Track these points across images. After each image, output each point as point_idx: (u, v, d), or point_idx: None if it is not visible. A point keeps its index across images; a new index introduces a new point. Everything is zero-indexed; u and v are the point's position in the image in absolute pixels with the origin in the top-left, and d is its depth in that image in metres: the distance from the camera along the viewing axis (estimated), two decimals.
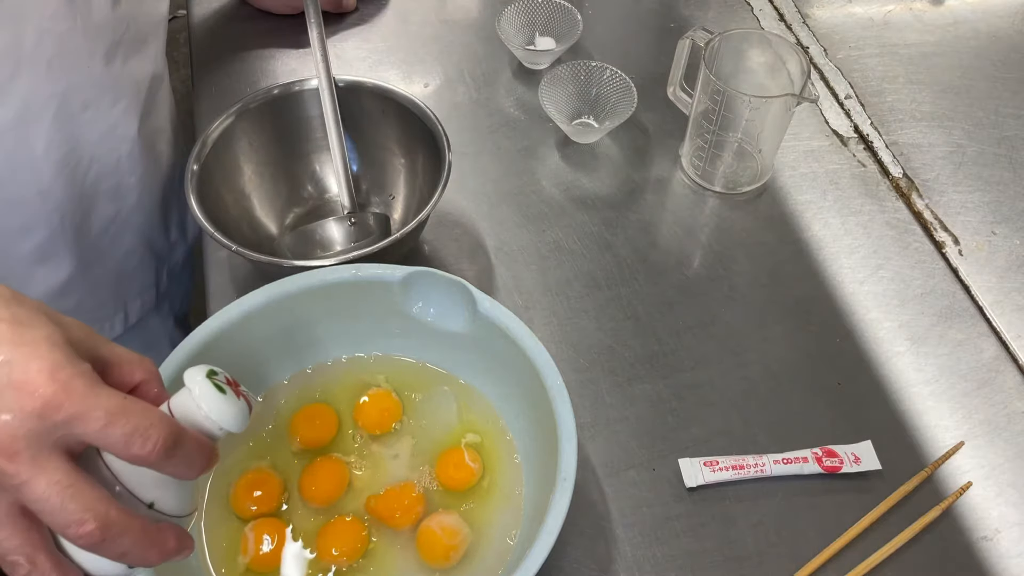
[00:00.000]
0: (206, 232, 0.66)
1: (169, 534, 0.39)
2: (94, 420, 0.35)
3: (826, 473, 0.63)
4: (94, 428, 0.36)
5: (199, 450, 0.40)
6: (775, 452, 0.64)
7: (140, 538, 0.37)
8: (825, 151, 0.85)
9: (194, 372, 0.43)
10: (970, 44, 0.95)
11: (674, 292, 0.74)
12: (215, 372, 0.43)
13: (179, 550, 0.40)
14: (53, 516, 0.35)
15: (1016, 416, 0.67)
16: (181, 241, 0.89)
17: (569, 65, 0.84)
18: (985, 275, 0.76)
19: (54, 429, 0.35)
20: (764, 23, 0.97)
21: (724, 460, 0.64)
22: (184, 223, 0.89)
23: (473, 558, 0.57)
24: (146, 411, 0.37)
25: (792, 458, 0.64)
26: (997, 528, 0.62)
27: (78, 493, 0.36)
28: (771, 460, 0.64)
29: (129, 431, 0.36)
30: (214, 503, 0.59)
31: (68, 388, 0.35)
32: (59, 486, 0.35)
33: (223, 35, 0.94)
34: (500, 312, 0.59)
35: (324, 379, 0.65)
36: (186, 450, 0.38)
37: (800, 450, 0.64)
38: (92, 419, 0.35)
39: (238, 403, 0.43)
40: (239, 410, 0.43)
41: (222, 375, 0.44)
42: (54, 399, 0.35)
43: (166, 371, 0.56)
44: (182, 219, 0.88)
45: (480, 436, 0.62)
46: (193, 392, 0.42)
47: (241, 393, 0.44)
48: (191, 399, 0.42)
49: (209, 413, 0.42)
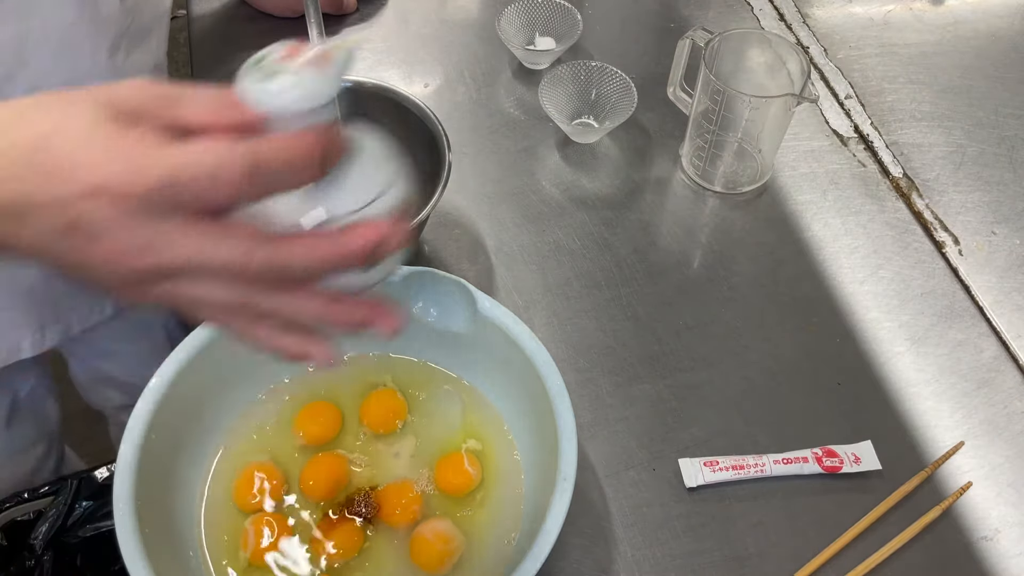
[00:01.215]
0: None
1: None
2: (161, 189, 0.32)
3: (826, 473, 0.63)
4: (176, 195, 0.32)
5: (288, 149, 0.33)
6: (775, 452, 0.64)
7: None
8: (825, 151, 0.85)
9: (241, 73, 0.35)
10: (970, 44, 0.95)
11: (674, 292, 0.74)
12: (261, 58, 0.35)
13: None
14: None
15: (1016, 416, 0.67)
16: None
17: (569, 65, 0.84)
18: (985, 275, 0.76)
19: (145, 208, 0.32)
20: (764, 23, 0.97)
21: (724, 460, 0.64)
22: None
23: (472, 560, 0.57)
24: (203, 153, 0.32)
25: (792, 458, 0.64)
26: (997, 528, 0.62)
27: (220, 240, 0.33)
28: (771, 460, 0.64)
29: (203, 183, 0.32)
30: (216, 496, 0.59)
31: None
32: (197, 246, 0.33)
33: (223, 35, 0.94)
34: (500, 312, 0.59)
35: (326, 377, 0.65)
36: (272, 160, 0.33)
37: (800, 450, 0.64)
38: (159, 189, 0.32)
39: (301, 75, 0.34)
40: (302, 81, 0.34)
41: (272, 54, 0.35)
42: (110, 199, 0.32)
43: (167, 371, 0.57)
44: None
45: (481, 442, 0.62)
46: (246, 97, 0.34)
47: (313, 61, 0.34)
48: (251, 103, 0.35)
49: (271, 106, 0.34)
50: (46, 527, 0.79)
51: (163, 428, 0.55)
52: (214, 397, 0.61)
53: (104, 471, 0.83)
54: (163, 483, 0.56)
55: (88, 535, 0.81)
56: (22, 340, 0.76)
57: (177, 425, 0.57)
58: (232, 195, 0.33)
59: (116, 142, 0.33)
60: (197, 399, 0.59)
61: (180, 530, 0.57)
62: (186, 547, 0.57)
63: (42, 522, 0.80)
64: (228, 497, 0.59)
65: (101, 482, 0.82)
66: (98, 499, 0.82)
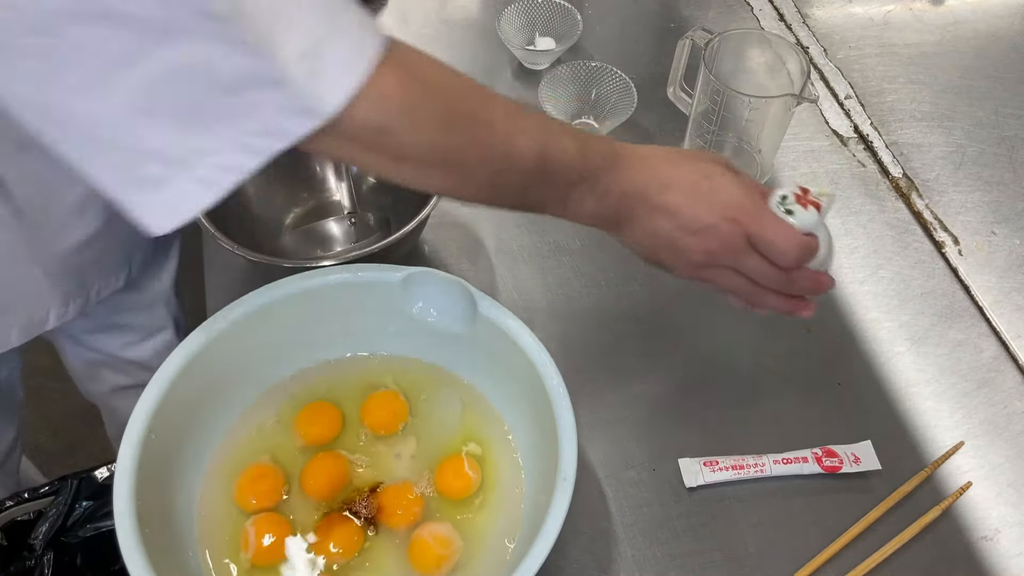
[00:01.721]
0: (206, 232, 0.66)
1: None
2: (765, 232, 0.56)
3: (826, 473, 0.63)
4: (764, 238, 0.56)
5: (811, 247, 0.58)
6: (775, 452, 0.64)
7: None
8: (825, 151, 0.85)
9: (772, 203, 0.58)
10: (970, 44, 0.95)
11: (674, 292, 0.74)
12: (784, 197, 0.58)
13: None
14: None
15: (1016, 416, 0.67)
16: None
17: (569, 65, 0.84)
18: (985, 275, 0.76)
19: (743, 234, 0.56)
20: (764, 23, 0.97)
21: (724, 460, 0.64)
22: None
23: (472, 561, 0.57)
24: (786, 230, 0.56)
25: (792, 458, 0.64)
26: (997, 528, 0.62)
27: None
28: (771, 460, 0.64)
29: (779, 245, 0.56)
30: (216, 496, 0.59)
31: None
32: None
33: None
34: (500, 312, 0.59)
35: (327, 377, 0.65)
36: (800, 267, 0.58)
37: (800, 450, 0.64)
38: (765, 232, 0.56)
39: (805, 213, 0.57)
40: (807, 219, 0.57)
41: (790, 196, 0.58)
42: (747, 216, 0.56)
43: (167, 371, 0.57)
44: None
45: (481, 442, 0.62)
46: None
47: (808, 202, 0.58)
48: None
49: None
50: (46, 527, 0.79)
51: (163, 428, 0.55)
52: (214, 397, 0.61)
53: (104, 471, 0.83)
54: (163, 483, 0.56)
55: (88, 535, 0.81)
56: (50, 311, 0.76)
57: (177, 425, 0.57)
58: (788, 258, 0.57)
59: (752, 192, 0.58)
60: (197, 399, 0.59)
61: (180, 530, 0.57)
62: (186, 547, 0.57)
63: (42, 522, 0.80)
64: (228, 497, 0.59)
65: (101, 482, 0.82)
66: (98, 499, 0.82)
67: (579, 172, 0.54)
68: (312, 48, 0.41)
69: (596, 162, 0.55)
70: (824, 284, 0.60)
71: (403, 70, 0.45)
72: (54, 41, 0.38)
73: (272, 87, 0.41)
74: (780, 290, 0.60)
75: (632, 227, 0.58)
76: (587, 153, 0.54)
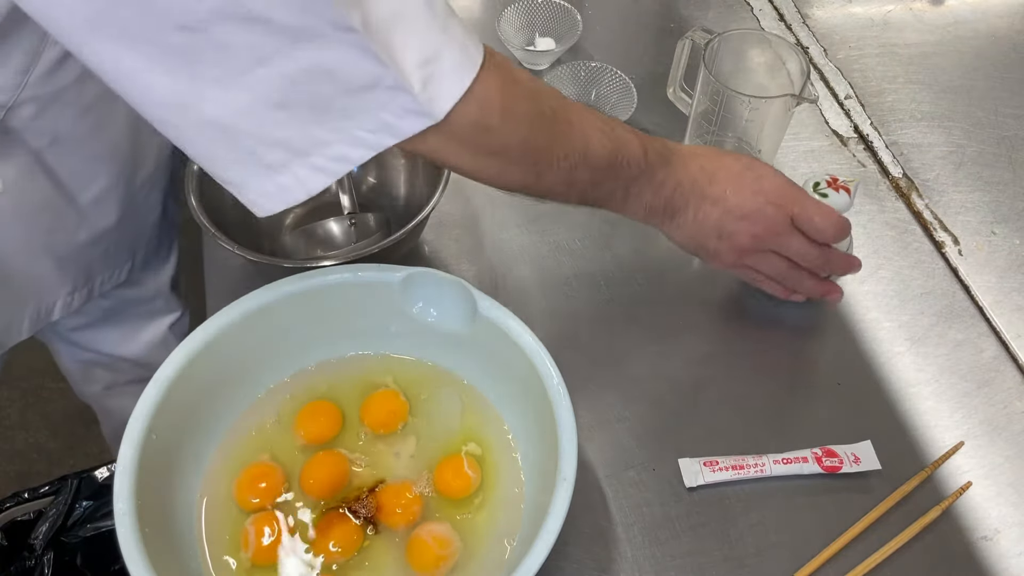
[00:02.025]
0: (206, 232, 0.66)
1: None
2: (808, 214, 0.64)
3: (826, 473, 0.63)
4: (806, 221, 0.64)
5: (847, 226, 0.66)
6: (775, 452, 0.64)
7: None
8: (825, 151, 0.85)
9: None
10: (970, 44, 0.95)
11: (674, 292, 0.74)
12: (818, 183, 0.67)
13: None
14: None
15: (1016, 416, 0.67)
16: (173, 207, 0.91)
17: (569, 65, 0.84)
18: (985, 275, 0.76)
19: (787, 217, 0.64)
20: (764, 23, 0.97)
21: (724, 460, 0.64)
22: (168, 210, 0.90)
23: (472, 562, 0.57)
24: (825, 209, 0.64)
25: (792, 458, 0.64)
26: (997, 528, 0.62)
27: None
28: (771, 460, 0.64)
29: (818, 221, 0.63)
30: (216, 495, 0.59)
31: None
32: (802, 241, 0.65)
33: None
34: (500, 312, 0.59)
35: (327, 376, 0.65)
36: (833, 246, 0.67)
37: (800, 450, 0.64)
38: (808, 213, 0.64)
39: (838, 196, 0.66)
40: (840, 201, 0.66)
41: (822, 183, 0.67)
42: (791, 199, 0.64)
43: (167, 371, 0.57)
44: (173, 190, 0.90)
45: (481, 442, 0.62)
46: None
47: (840, 187, 0.66)
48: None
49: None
50: (46, 527, 0.79)
51: (163, 428, 0.55)
52: (214, 397, 0.61)
53: (104, 471, 0.83)
54: (163, 483, 0.56)
55: (88, 535, 0.81)
56: (57, 301, 0.78)
57: (177, 425, 0.57)
58: (828, 234, 0.64)
59: (790, 180, 0.65)
60: (197, 399, 0.59)
61: (180, 530, 0.57)
62: (186, 547, 0.57)
63: (42, 522, 0.80)
64: (228, 496, 0.59)
65: (101, 482, 0.83)
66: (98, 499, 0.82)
67: (640, 167, 0.60)
68: (428, 57, 0.47)
69: (653, 158, 0.60)
70: (855, 264, 0.69)
71: (501, 74, 0.51)
72: (203, 37, 0.42)
73: (393, 91, 0.46)
74: (817, 271, 0.67)
75: (683, 217, 0.63)
76: (647, 149, 0.60)
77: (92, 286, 0.80)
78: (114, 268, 0.82)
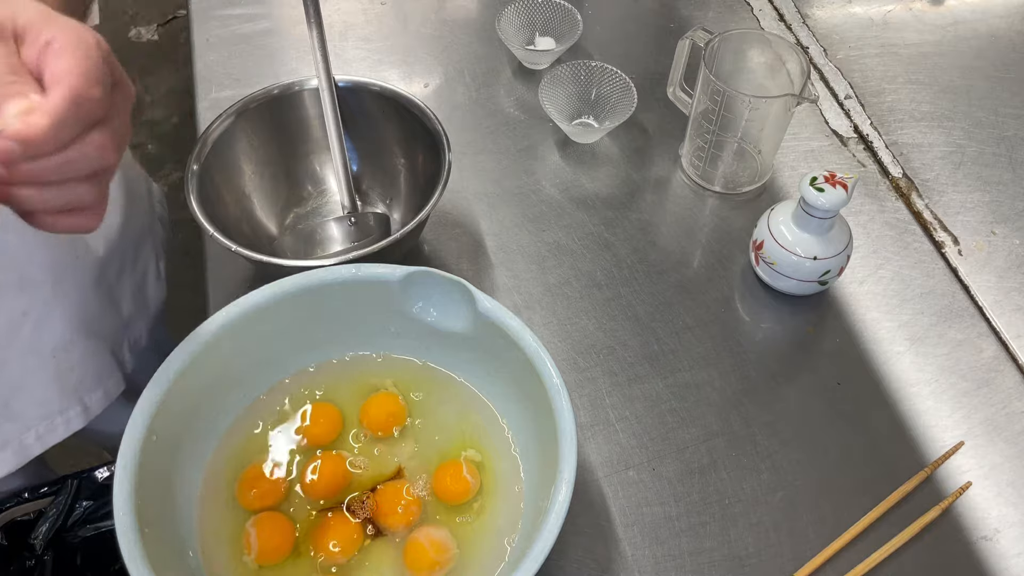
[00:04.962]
0: (206, 232, 0.66)
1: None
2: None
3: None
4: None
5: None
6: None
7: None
8: (825, 151, 0.85)
9: (802, 184, 0.65)
10: (970, 44, 0.95)
11: (674, 292, 0.74)
12: (815, 178, 0.65)
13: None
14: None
15: (1016, 416, 0.67)
16: (140, 314, 0.84)
17: (569, 65, 0.84)
18: (985, 275, 0.76)
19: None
20: (764, 23, 0.97)
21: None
22: (144, 293, 0.84)
23: (471, 562, 0.57)
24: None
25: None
26: (997, 528, 0.62)
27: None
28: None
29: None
30: (216, 496, 0.59)
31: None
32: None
33: (223, 35, 0.94)
34: (500, 312, 0.59)
35: (327, 377, 0.65)
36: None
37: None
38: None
39: (835, 192, 0.64)
40: (837, 196, 0.64)
41: (820, 178, 0.65)
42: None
43: (167, 371, 0.57)
44: (139, 290, 0.83)
45: (480, 442, 0.62)
46: (808, 198, 0.65)
47: (837, 183, 0.65)
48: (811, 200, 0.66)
49: (822, 205, 0.65)
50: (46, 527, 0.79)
51: (163, 428, 0.55)
52: (214, 397, 0.61)
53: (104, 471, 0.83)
54: (163, 483, 0.56)
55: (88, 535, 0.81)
56: (56, 419, 0.76)
57: (177, 425, 0.57)
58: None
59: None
60: (197, 399, 0.59)
61: (180, 530, 0.57)
62: (186, 547, 0.56)
63: (42, 522, 0.80)
64: (228, 497, 0.59)
65: (101, 482, 0.82)
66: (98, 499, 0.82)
67: None
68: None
69: None
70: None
71: None
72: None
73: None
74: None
75: None
76: None
77: (87, 404, 0.78)
78: (53, 417, 0.77)
